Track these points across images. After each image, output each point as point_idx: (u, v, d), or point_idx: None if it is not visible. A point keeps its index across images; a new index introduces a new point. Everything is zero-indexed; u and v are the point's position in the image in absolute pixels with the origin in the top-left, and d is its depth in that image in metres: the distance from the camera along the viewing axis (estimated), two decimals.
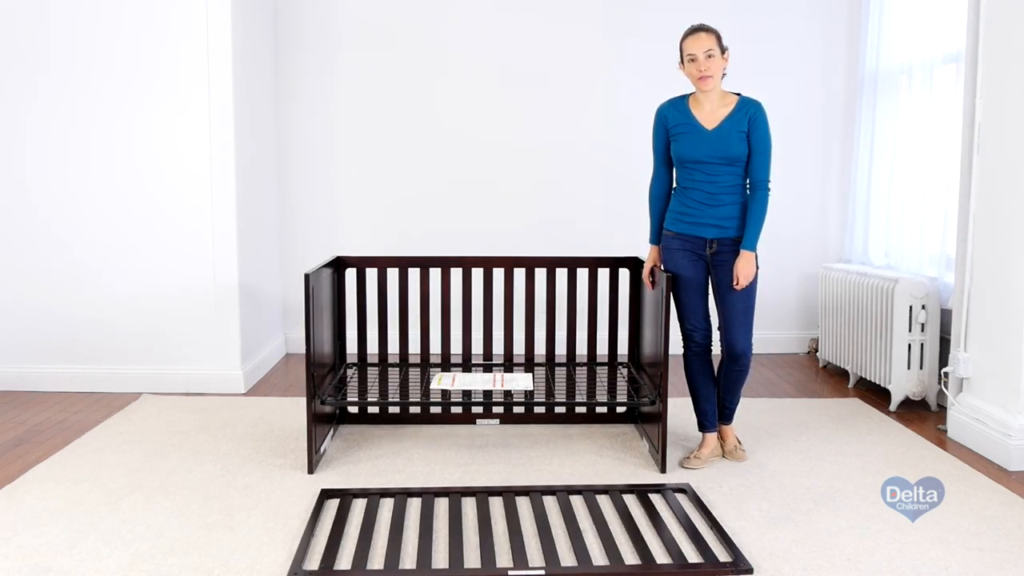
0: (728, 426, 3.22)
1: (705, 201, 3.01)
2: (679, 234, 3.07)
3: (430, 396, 3.32)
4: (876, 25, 4.56)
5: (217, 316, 4.14)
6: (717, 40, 2.98)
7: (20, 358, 4.18)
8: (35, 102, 4.06)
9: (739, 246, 3.00)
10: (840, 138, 5.01)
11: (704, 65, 2.96)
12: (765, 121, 2.99)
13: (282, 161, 5.01)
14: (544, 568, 2.27)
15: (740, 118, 2.98)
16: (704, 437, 3.19)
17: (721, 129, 2.98)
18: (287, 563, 2.31)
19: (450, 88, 4.97)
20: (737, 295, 3.01)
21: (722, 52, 2.99)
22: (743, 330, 3.04)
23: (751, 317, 3.05)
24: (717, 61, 2.96)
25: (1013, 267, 3.13)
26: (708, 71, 2.96)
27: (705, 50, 2.95)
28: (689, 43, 2.98)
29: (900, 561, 2.34)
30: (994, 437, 3.17)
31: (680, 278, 3.08)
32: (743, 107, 3.01)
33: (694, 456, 3.12)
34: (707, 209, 3.01)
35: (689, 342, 3.15)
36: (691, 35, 3.00)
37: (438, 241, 4.89)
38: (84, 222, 4.11)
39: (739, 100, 3.03)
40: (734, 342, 3.05)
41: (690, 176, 3.03)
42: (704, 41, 2.96)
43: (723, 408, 3.19)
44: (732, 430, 3.24)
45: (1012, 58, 3.14)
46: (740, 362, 3.07)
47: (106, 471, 3.01)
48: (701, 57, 2.95)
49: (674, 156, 3.06)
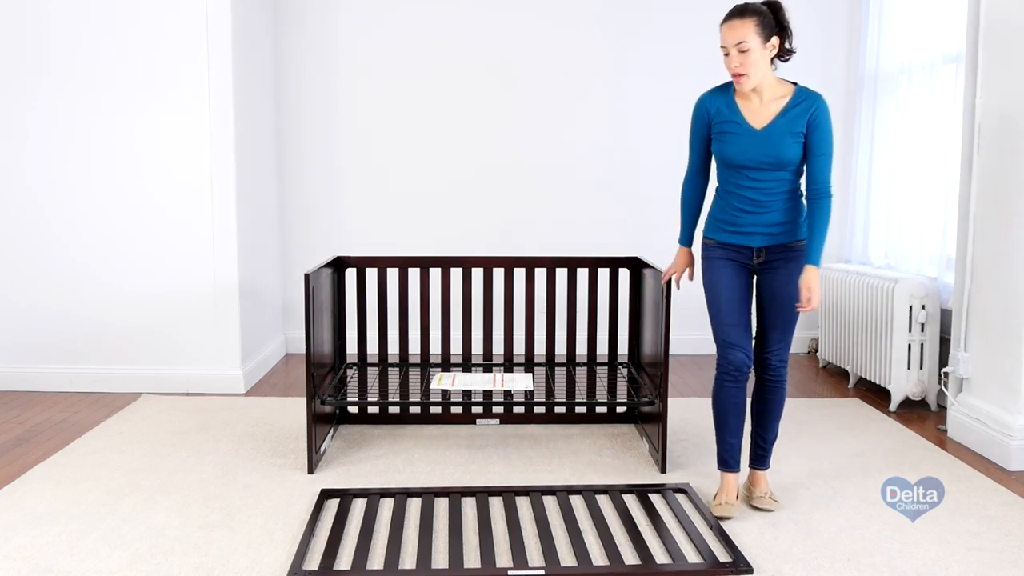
0: (762, 472, 2.73)
1: (749, 208, 2.58)
2: (721, 243, 2.65)
3: (430, 396, 3.32)
4: (876, 25, 4.56)
5: (217, 316, 4.14)
6: (758, 26, 2.45)
7: (20, 358, 4.18)
8: (35, 102, 4.06)
9: (790, 252, 2.60)
10: (840, 138, 4.99)
11: (737, 61, 2.47)
12: (827, 119, 2.54)
13: (282, 161, 5.01)
14: (544, 568, 2.27)
15: (797, 116, 2.52)
16: (723, 478, 2.70)
17: (772, 129, 2.52)
18: (287, 563, 2.31)
19: (450, 88, 4.97)
20: (784, 307, 2.60)
21: (766, 40, 2.47)
22: (784, 344, 2.63)
23: (791, 333, 2.65)
24: (756, 55, 2.46)
25: (1013, 267, 3.13)
26: (741, 68, 2.47)
27: (737, 42, 2.45)
28: (722, 33, 2.50)
29: (900, 561, 2.34)
30: (994, 437, 3.17)
31: (721, 291, 2.63)
32: (800, 102, 2.53)
33: (716, 504, 2.66)
34: (752, 216, 2.59)
35: (726, 364, 2.61)
36: (724, 22, 2.50)
37: (438, 241, 4.89)
38: (84, 222, 4.11)
39: (795, 92, 2.55)
40: (771, 354, 2.62)
41: (733, 179, 2.60)
42: (737, 30, 2.45)
43: (757, 446, 2.71)
44: (766, 477, 2.73)
45: (1012, 58, 3.14)
46: (777, 377, 2.64)
47: (106, 471, 3.01)
48: (733, 51, 2.47)
49: (715, 155, 2.64)
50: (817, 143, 2.53)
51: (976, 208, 3.34)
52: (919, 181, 4.12)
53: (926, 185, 4.07)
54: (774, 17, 2.50)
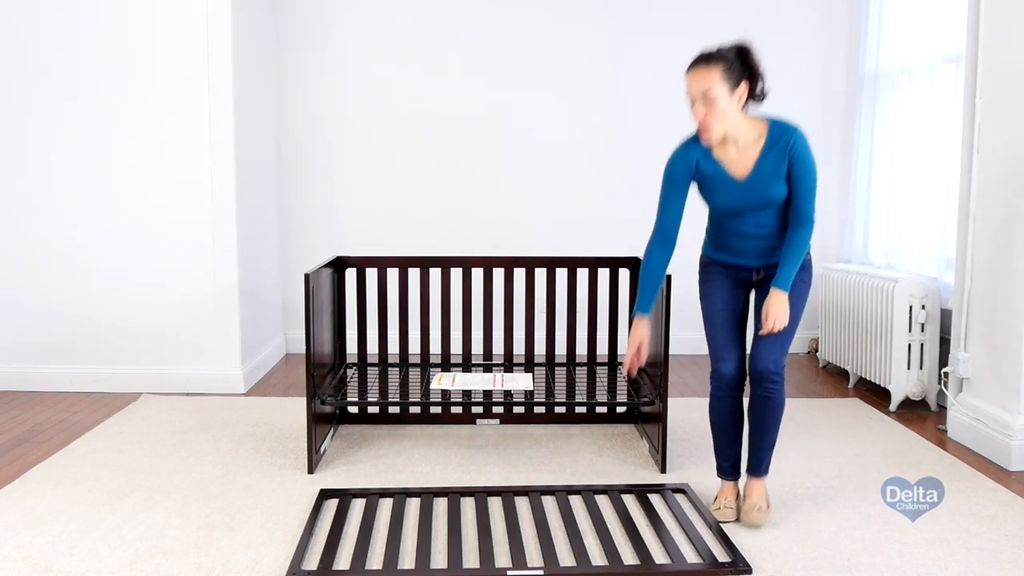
0: (758, 480, 2.60)
1: (744, 241, 2.54)
2: (720, 261, 2.62)
3: (430, 396, 3.32)
4: (876, 25, 4.56)
5: (217, 316, 4.14)
6: (724, 72, 2.33)
7: (20, 358, 4.18)
8: (35, 103, 4.06)
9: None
10: (840, 138, 5.01)
11: (702, 111, 2.36)
12: (806, 151, 2.42)
13: (282, 161, 5.01)
14: (543, 568, 2.27)
15: (776, 156, 2.41)
16: (723, 485, 2.69)
17: (755, 176, 2.43)
18: (287, 563, 2.31)
19: (450, 88, 4.97)
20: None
21: (733, 87, 2.35)
22: (773, 347, 2.47)
23: (788, 340, 2.50)
24: (722, 104, 2.34)
25: (1013, 267, 3.13)
26: (707, 119, 2.36)
27: (702, 91, 2.34)
28: (687, 81, 2.38)
29: (900, 561, 2.34)
30: (994, 437, 3.17)
31: (716, 304, 2.59)
32: (777, 140, 2.42)
33: (715, 508, 2.64)
34: (749, 243, 2.54)
35: (719, 378, 2.57)
36: (689, 70, 2.39)
37: (438, 241, 4.90)
38: (84, 222, 4.11)
39: (769, 130, 2.44)
40: (758, 357, 2.48)
41: (724, 219, 2.55)
42: (701, 79, 2.34)
43: (752, 454, 2.60)
44: (762, 488, 2.61)
45: (1012, 58, 3.14)
46: (773, 389, 2.48)
47: (106, 471, 3.01)
48: (698, 100, 2.36)
49: (702, 199, 2.57)
50: (799, 176, 2.43)
51: (976, 208, 3.34)
52: (919, 181, 4.12)
53: (926, 185, 4.07)
54: (742, 62, 2.39)
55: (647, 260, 2.58)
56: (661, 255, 2.57)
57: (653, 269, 2.58)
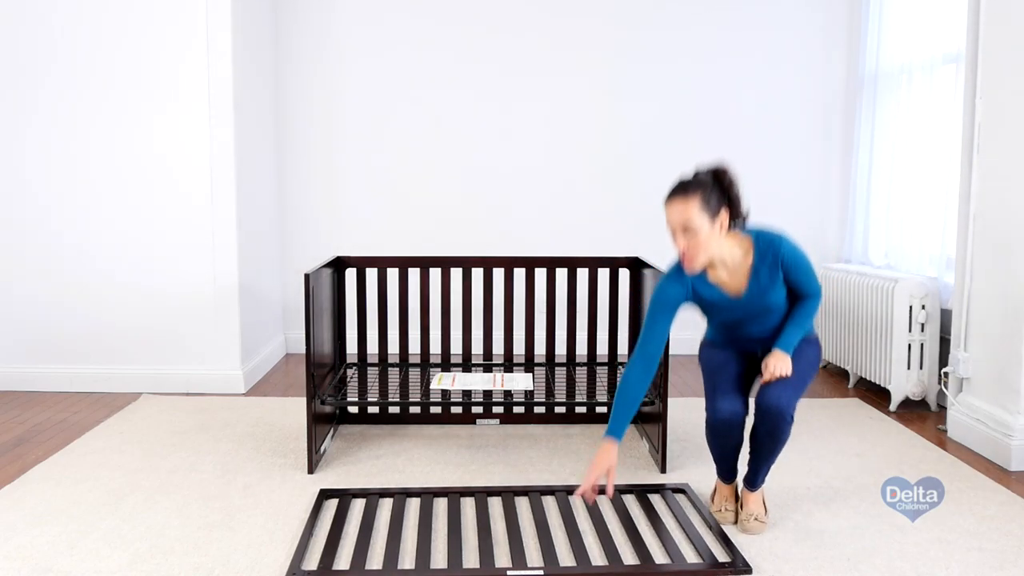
0: (753, 492, 2.57)
1: (750, 341, 2.55)
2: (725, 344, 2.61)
3: (430, 396, 3.32)
4: (876, 25, 4.56)
5: (217, 316, 4.14)
6: (703, 203, 2.29)
7: (20, 358, 4.18)
8: (36, 102, 4.06)
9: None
10: (840, 138, 5.01)
11: (683, 242, 2.32)
12: (794, 253, 2.41)
13: (282, 161, 5.01)
14: (543, 568, 2.27)
15: (768, 271, 2.40)
16: (721, 486, 2.67)
17: (751, 292, 2.43)
18: (287, 563, 2.31)
19: (450, 87, 4.97)
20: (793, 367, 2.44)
21: (713, 216, 2.30)
22: (785, 388, 2.39)
23: (799, 387, 2.43)
24: (704, 234, 2.30)
25: (1013, 267, 3.13)
26: (690, 251, 2.32)
27: (682, 223, 2.30)
28: (666, 212, 2.34)
29: (900, 561, 2.34)
30: (994, 437, 3.17)
31: (716, 357, 2.57)
32: (764, 253, 2.40)
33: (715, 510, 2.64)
34: (753, 341, 2.55)
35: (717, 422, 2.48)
36: (667, 200, 2.35)
37: (438, 241, 4.90)
38: (84, 222, 4.11)
39: (754, 246, 2.41)
40: (767, 394, 2.38)
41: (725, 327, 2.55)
42: (680, 211, 2.30)
43: (750, 469, 2.56)
44: (759, 497, 2.58)
45: (1012, 58, 3.14)
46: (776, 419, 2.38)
47: (106, 471, 3.01)
48: (679, 233, 2.32)
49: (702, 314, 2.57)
50: (796, 275, 2.43)
51: (976, 208, 3.34)
52: (919, 181, 4.12)
53: (926, 185, 4.07)
54: (720, 186, 2.36)
55: (627, 380, 2.43)
56: (642, 377, 2.42)
57: (632, 391, 2.42)
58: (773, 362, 2.42)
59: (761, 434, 2.45)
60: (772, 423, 2.40)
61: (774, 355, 2.44)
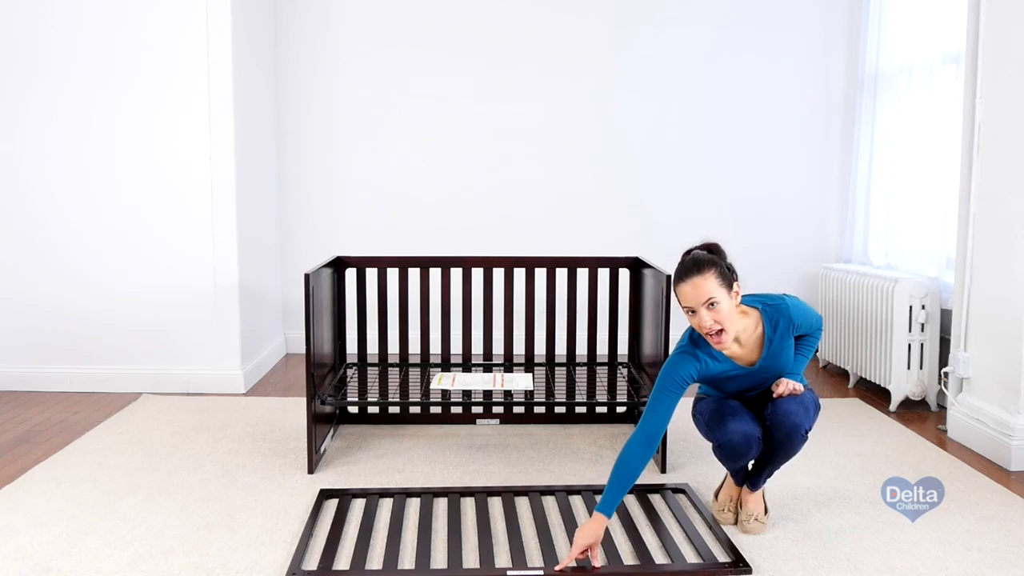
0: (753, 493, 2.57)
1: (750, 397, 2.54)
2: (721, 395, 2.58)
3: (430, 396, 3.32)
4: (876, 25, 4.56)
5: (217, 316, 4.14)
6: (719, 277, 2.27)
7: (20, 358, 4.18)
8: (34, 102, 4.06)
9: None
10: (840, 138, 5.01)
11: (710, 319, 2.27)
12: (800, 311, 2.43)
13: (282, 161, 5.01)
14: (543, 568, 2.27)
15: (781, 338, 2.40)
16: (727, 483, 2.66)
17: (767, 360, 2.42)
18: (287, 563, 2.31)
19: (451, 87, 4.97)
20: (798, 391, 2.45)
21: (729, 288, 2.30)
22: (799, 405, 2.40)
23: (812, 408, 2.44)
24: (726, 307, 2.28)
25: (1013, 267, 3.13)
26: (719, 325, 2.28)
27: (705, 300, 2.26)
28: (683, 294, 2.29)
29: (900, 561, 2.34)
30: (994, 437, 3.17)
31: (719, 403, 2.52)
32: (775, 322, 2.40)
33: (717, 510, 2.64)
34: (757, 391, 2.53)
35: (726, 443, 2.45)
36: (683, 281, 2.29)
37: (438, 241, 4.90)
38: (84, 222, 4.11)
39: (763, 316, 2.41)
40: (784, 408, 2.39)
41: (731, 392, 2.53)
42: (701, 288, 2.26)
43: (754, 471, 2.57)
44: (759, 497, 2.58)
45: (1012, 58, 3.14)
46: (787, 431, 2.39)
47: (106, 471, 3.01)
48: (702, 309, 2.27)
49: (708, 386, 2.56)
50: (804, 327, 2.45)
51: (976, 208, 3.34)
52: (919, 181, 4.12)
53: (926, 185, 4.07)
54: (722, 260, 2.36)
55: (626, 457, 2.32)
56: (642, 456, 2.31)
57: (630, 468, 2.31)
58: (784, 382, 2.43)
59: (774, 443, 2.44)
60: (786, 434, 2.40)
61: (783, 380, 2.45)
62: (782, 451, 2.46)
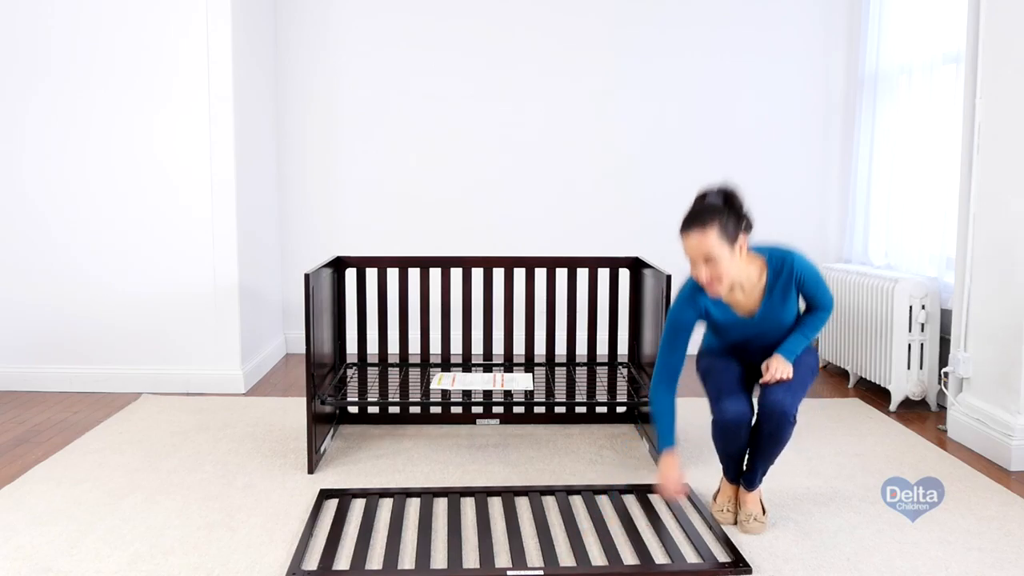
0: (751, 493, 2.57)
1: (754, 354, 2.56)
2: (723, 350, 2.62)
3: (430, 396, 3.32)
4: (876, 25, 4.56)
5: (217, 316, 4.14)
6: (721, 232, 2.30)
7: (20, 358, 4.18)
8: (34, 102, 4.06)
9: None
10: (840, 138, 5.01)
11: (706, 272, 2.32)
12: (807, 268, 2.44)
13: (282, 161, 5.01)
14: (543, 568, 2.27)
15: (783, 288, 2.42)
16: (724, 485, 2.65)
17: (766, 312, 2.46)
18: (286, 563, 2.31)
19: (450, 88, 4.97)
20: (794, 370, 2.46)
21: (732, 243, 2.32)
22: (787, 390, 2.40)
23: (800, 389, 2.45)
24: (725, 262, 2.31)
25: (1013, 267, 3.13)
26: (713, 276, 2.32)
27: (702, 253, 2.31)
28: (684, 243, 2.35)
29: (900, 561, 2.34)
30: (994, 437, 3.17)
31: (717, 361, 2.57)
32: (779, 271, 2.42)
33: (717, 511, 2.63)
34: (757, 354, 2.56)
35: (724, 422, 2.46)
36: (684, 231, 2.34)
37: (438, 241, 4.90)
38: (84, 222, 4.11)
39: (768, 264, 2.43)
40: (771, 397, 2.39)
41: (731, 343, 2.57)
42: (699, 243, 2.30)
43: (748, 469, 2.57)
44: (757, 497, 2.58)
45: (1012, 58, 3.14)
46: (776, 421, 2.39)
47: (106, 471, 3.01)
48: (700, 263, 2.33)
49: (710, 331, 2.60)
50: (810, 288, 2.47)
51: (976, 208, 3.34)
52: (919, 181, 4.12)
53: (926, 185, 4.07)
54: (731, 209, 2.36)
55: (656, 402, 2.51)
56: (668, 394, 2.50)
57: (664, 408, 2.51)
58: (774, 365, 2.44)
59: (763, 434, 2.45)
60: (775, 424, 2.41)
61: (775, 359, 2.46)
62: (772, 441, 2.46)
